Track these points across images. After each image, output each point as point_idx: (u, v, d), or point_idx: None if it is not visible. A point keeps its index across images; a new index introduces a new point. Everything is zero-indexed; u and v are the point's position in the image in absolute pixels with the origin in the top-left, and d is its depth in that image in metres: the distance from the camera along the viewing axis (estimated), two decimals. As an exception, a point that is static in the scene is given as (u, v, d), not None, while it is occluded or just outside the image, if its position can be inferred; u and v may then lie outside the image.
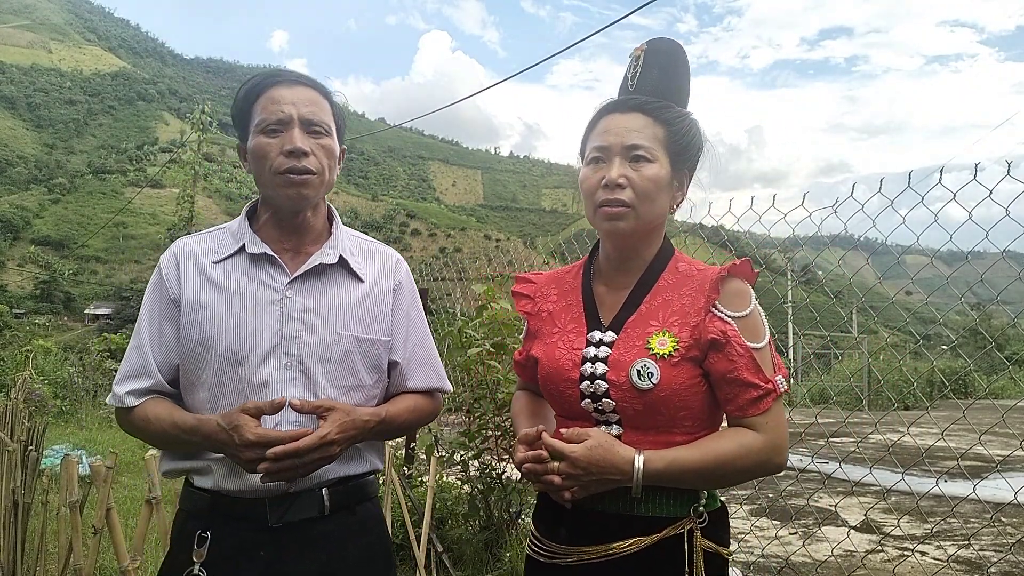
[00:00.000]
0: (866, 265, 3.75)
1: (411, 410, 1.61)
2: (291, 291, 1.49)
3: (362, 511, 1.54)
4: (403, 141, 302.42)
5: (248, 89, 1.50)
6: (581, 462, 1.28)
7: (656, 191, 1.37)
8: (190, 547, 1.41)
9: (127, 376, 1.49)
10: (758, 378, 1.30)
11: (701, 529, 1.33)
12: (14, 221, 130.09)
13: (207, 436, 1.38)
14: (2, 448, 3.43)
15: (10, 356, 13.60)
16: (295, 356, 1.46)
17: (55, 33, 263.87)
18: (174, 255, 1.54)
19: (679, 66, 1.46)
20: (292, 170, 1.44)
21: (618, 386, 1.33)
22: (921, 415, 5.91)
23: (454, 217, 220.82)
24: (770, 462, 1.32)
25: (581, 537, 1.36)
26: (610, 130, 1.39)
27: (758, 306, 1.38)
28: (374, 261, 1.63)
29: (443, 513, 4.13)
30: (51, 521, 3.16)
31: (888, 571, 3.99)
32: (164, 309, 1.50)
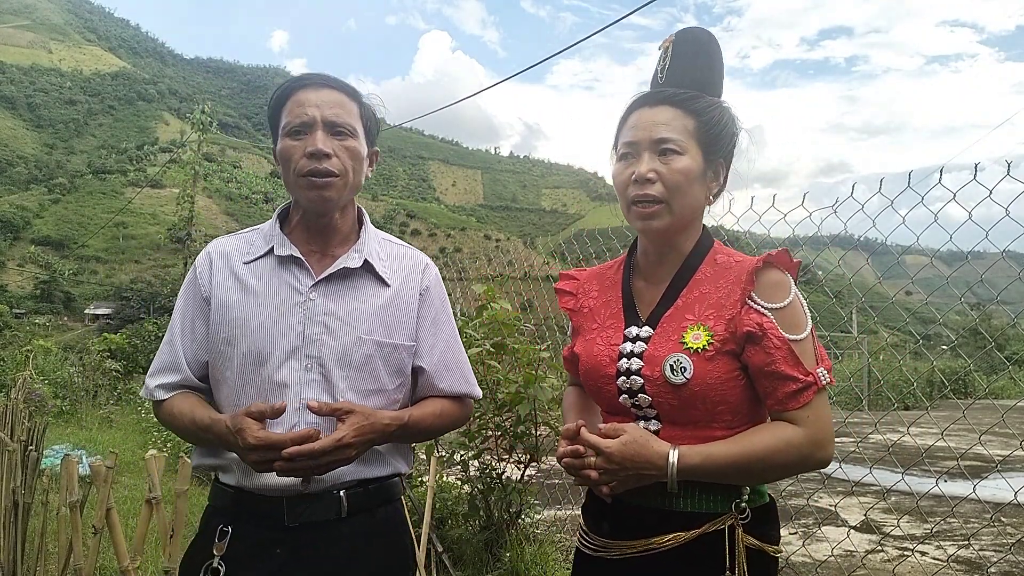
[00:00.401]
0: (866, 265, 3.75)
1: (437, 415, 1.60)
2: (315, 293, 1.50)
3: (382, 514, 1.54)
4: (403, 141, 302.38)
5: (278, 94, 1.53)
6: (616, 457, 1.28)
7: (687, 183, 1.35)
8: (212, 540, 1.44)
9: (158, 370, 1.55)
10: (797, 371, 1.27)
11: (744, 525, 1.31)
12: (14, 221, 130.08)
13: (218, 436, 1.41)
14: (2, 448, 3.43)
15: (10, 356, 13.61)
16: (315, 358, 1.47)
17: (55, 33, 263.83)
18: (209, 255, 1.58)
19: (710, 55, 1.43)
20: (314, 172, 1.45)
21: (653, 381, 1.32)
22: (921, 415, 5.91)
23: (454, 217, 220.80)
24: (811, 457, 1.28)
25: (622, 531, 1.37)
26: (638, 125, 1.38)
27: (799, 296, 1.34)
28: (401, 265, 1.63)
29: (443, 513, 4.13)
30: (51, 521, 3.16)
31: (888, 571, 3.99)
32: (196, 307, 1.55)
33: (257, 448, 1.33)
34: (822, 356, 1.33)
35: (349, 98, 1.53)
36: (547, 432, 3.88)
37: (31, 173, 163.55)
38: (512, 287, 6.02)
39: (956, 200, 2.65)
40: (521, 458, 3.95)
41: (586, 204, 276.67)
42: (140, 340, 16.62)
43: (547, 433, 3.89)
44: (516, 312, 4.03)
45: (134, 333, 17.71)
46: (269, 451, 1.33)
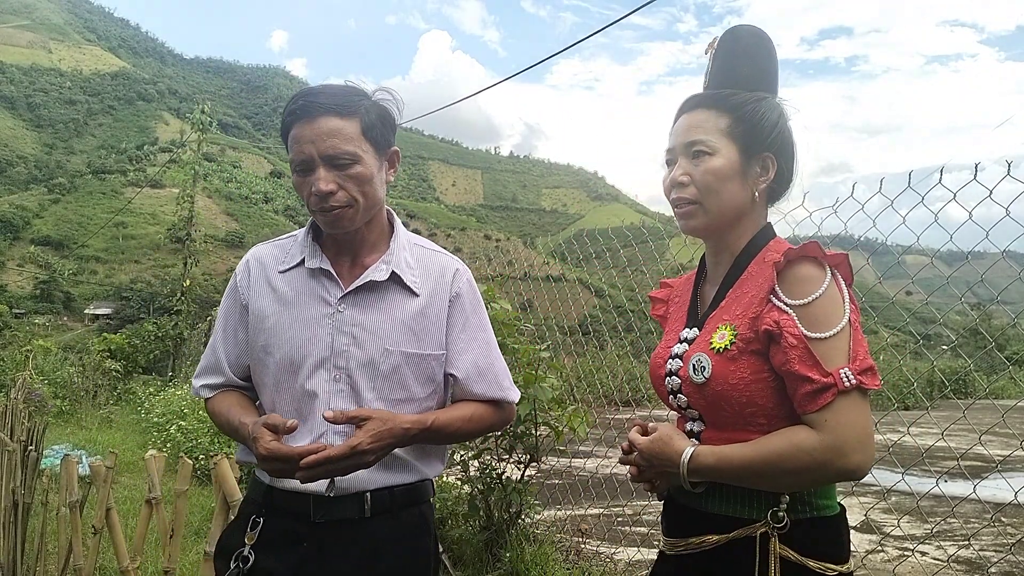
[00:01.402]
0: (866, 265, 3.75)
1: (467, 419, 1.60)
2: (344, 305, 1.53)
3: (406, 516, 1.55)
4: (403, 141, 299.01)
5: (283, 123, 1.54)
6: (645, 454, 1.34)
7: (718, 183, 1.34)
8: (245, 529, 1.52)
9: (202, 371, 1.65)
10: (814, 371, 1.19)
11: (783, 535, 1.24)
12: (14, 221, 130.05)
13: (244, 439, 1.50)
14: (2, 448, 3.43)
15: (10, 356, 13.61)
16: (343, 369, 1.51)
17: (55, 33, 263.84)
18: (247, 263, 1.64)
19: (752, 50, 1.41)
20: (322, 210, 1.49)
21: (684, 381, 1.35)
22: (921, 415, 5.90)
23: (454, 217, 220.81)
24: (831, 465, 1.18)
25: (674, 529, 1.40)
26: (675, 131, 1.42)
27: (837, 290, 1.26)
28: (431, 273, 1.62)
29: (443, 513, 4.13)
30: (51, 521, 3.16)
31: (888, 571, 3.99)
32: (237, 314, 1.62)
33: (266, 459, 1.38)
34: (857, 356, 1.21)
35: (345, 118, 1.48)
36: (547, 432, 3.88)
37: (31, 173, 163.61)
38: (512, 287, 6.02)
39: (956, 200, 2.65)
40: (521, 458, 3.95)
41: (586, 204, 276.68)
42: (140, 340, 16.60)
43: (547, 433, 3.89)
44: (516, 312, 4.03)
45: (134, 333, 17.69)
46: (278, 462, 1.37)
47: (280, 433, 1.40)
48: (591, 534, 4.71)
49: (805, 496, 1.28)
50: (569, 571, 3.81)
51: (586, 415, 4.03)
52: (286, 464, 1.37)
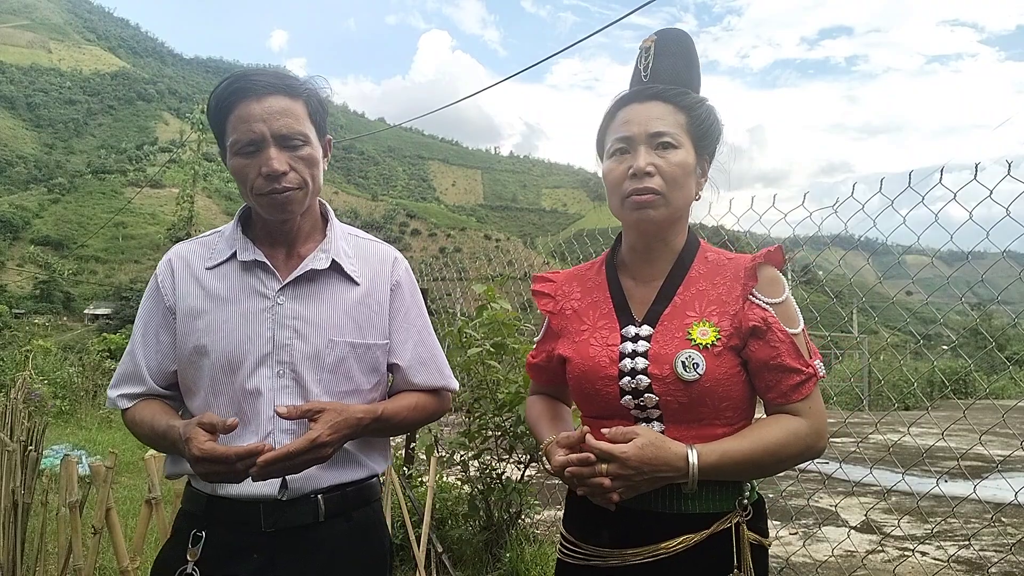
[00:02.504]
0: (866, 265, 3.75)
1: (412, 408, 1.58)
2: (283, 297, 1.46)
3: (359, 517, 1.52)
4: (403, 141, 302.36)
5: (217, 103, 1.43)
6: (633, 461, 1.23)
7: (684, 177, 1.36)
8: (185, 545, 1.42)
9: (120, 380, 1.53)
10: (800, 363, 1.30)
11: (746, 522, 1.32)
12: (14, 221, 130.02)
13: (173, 443, 1.38)
14: (2, 448, 3.43)
15: (10, 356, 13.60)
16: (287, 364, 1.44)
17: (55, 33, 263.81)
18: (169, 262, 1.53)
19: (690, 54, 1.45)
20: (273, 192, 1.41)
21: (661, 380, 1.31)
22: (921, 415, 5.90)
23: (454, 217, 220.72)
24: (814, 447, 1.31)
25: (627, 539, 1.34)
26: (632, 120, 1.37)
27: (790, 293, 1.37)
28: (370, 261, 1.59)
29: (443, 513, 4.13)
30: (51, 521, 3.16)
31: (888, 571, 3.99)
32: (160, 317, 1.51)
33: (201, 460, 1.29)
34: (813, 350, 1.35)
35: (295, 99, 1.44)
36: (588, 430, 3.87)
37: (31, 173, 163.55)
38: (512, 287, 6.02)
39: (956, 200, 2.65)
40: (521, 458, 3.95)
41: (586, 204, 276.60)
42: (140, 340, 16.55)
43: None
44: (516, 312, 4.03)
45: (134, 333, 17.65)
46: (213, 463, 1.29)
47: (217, 433, 1.31)
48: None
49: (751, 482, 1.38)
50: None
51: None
52: (222, 466, 1.28)
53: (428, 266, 7.34)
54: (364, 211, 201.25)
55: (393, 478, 3.38)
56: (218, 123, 1.45)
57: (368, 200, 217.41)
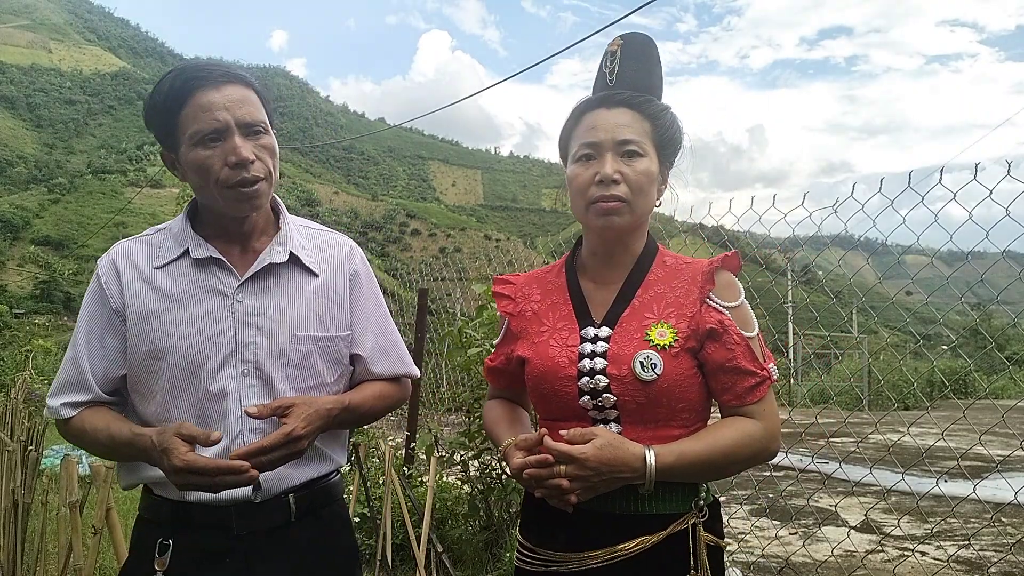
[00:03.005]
0: (866, 265, 3.75)
1: (377, 396, 1.56)
2: (242, 295, 1.42)
3: (328, 515, 1.51)
4: (403, 141, 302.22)
5: (168, 94, 1.37)
6: (591, 462, 1.23)
7: (649, 185, 1.38)
8: (151, 556, 1.37)
9: (62, 388, 1.44)
10: (755, 365, 1.33)
11: (702, 523, 1.34)
12: (14, 221, 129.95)
13: (142, 451, 1.34)
14: (2, 448, 3.44)
15: (10, 356, 13.62)
16: (251, 362, 1.41)
17: (55, 33, 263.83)
18: (113, 262, 1.45)
19: (653, 60, 1.46)
20: (242, 183, 1.36)
21: (620, 380, 1.32)
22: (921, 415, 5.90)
23: (454, 217, 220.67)
24: (767, 449, 1.34)
25: (583, 541, 1.34)
26: (599, 126, 1.38)
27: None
28: (326, 252, 1.56)
29: (443, 513, 4.13)
30: (51, 521, 3.16)
31: (888, 571, 3.99)
32: (104, 321, 1.43)
33: (182, 471, 1.25)
34: (767, 354, 1.39)
35: (249, 88, 1.41)
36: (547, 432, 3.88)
37: (31, 173, 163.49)
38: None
39: (956, 200, 2.66)
40: (521, 458, 3.94)
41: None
42: (140, 340, 16.58)
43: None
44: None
45: (134, 333, 17.67)
46: (194, 475, 1.26)
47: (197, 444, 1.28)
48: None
49: (707, 484, 1.40)
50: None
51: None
52: (204, 478, 1.25)
53: (428, 266, 7.34)
54: (364, 211, 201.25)
55: (393, 478, 3.38)
56: (169, 117, 1.38)
57: (368, 200, 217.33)
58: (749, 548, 4.46)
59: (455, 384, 6.45)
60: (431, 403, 7.13)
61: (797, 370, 17.36)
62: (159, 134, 1.42)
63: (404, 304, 8.33)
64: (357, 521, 3.77)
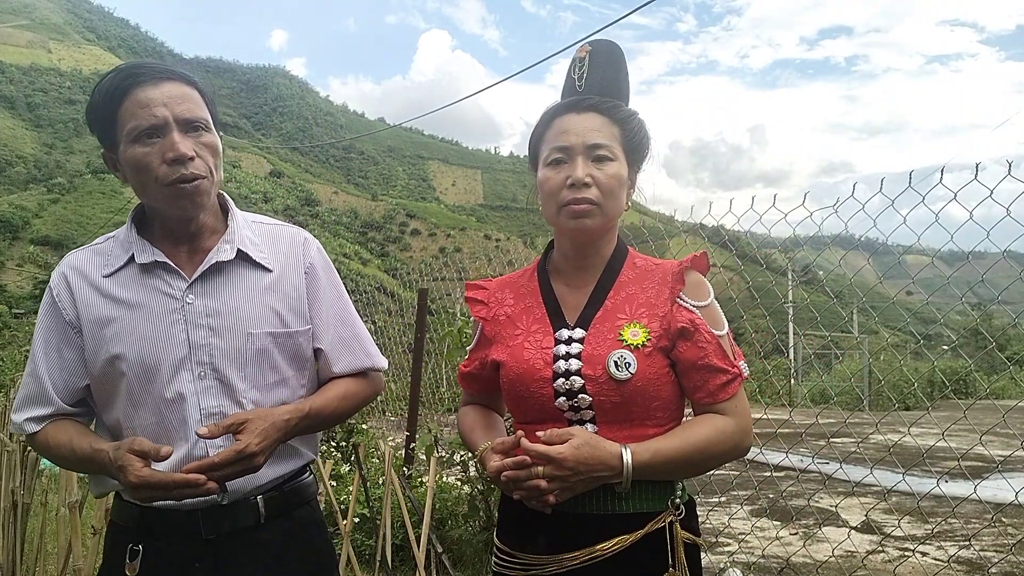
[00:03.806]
0: (867, 265, 3.75)
1: (342, 397, 1.53)
2: (192, 296, 1.40)
3: (300, 516, 1.49)
4: (403, 141, 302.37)
5: (107, 91, 1.35)
6: (569, 462, 1.25)
7: (619, 188, 1.40)
8: (122, 562, 1.37)
9: (25, 404, 1.43)
10: (725, 363, 1.35)
11: (679, 521, 1.36)
12: (13, 221, 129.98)
13: (102, 466, 1.34)
14: (2, 448, 3.43)
15: (9, 356, 13.62)
16: (207, 364, 1.39)
17: (54, 33, 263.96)
18: (63, 275, 1.44)
19: (620, 66, 1.48)
20: (181, 179, 1.34)
21: (594, 380, 1.33)
22: (922, 415, 5.90)
23: (454, 217, 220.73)
24: (740, 445, 1.36)
25: (562, 543, 1.34)
26: (570, 130, 1.40)
27: None
28: (279, 246, 1.52)
29: (443, 513, 4.12)
30: (50, 521, 3.16)
31: (889, 571, 3.99)
32: (60, 333, 1.42)
33: (139, 488, 1.26)
34: (737, 352, 1.41)
35: (190, 86, 1.39)
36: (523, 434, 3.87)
37: (30, 173, 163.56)
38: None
39: (957, 200, 2.66)
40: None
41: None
42: (140, 340, 16.59)
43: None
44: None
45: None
46: (152, 490, 1.26)
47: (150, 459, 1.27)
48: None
49: (682, 482, 1.41)
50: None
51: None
52: (161, 492, 1.26)
53: (428, 266, 7.34)
54: (364, 211, 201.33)
55: (393, 478, 3.38)
56: (106, 115, 1.36)
57: (368, 200, 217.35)
58: (749, 548, 4.45)
59: (455, 384, 6.45)
60: (431, 403, 7.13)
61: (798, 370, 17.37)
62: (99, 133, 1.41)
63: (404, 304, 8.33)
64: (357, 521, 3.77)
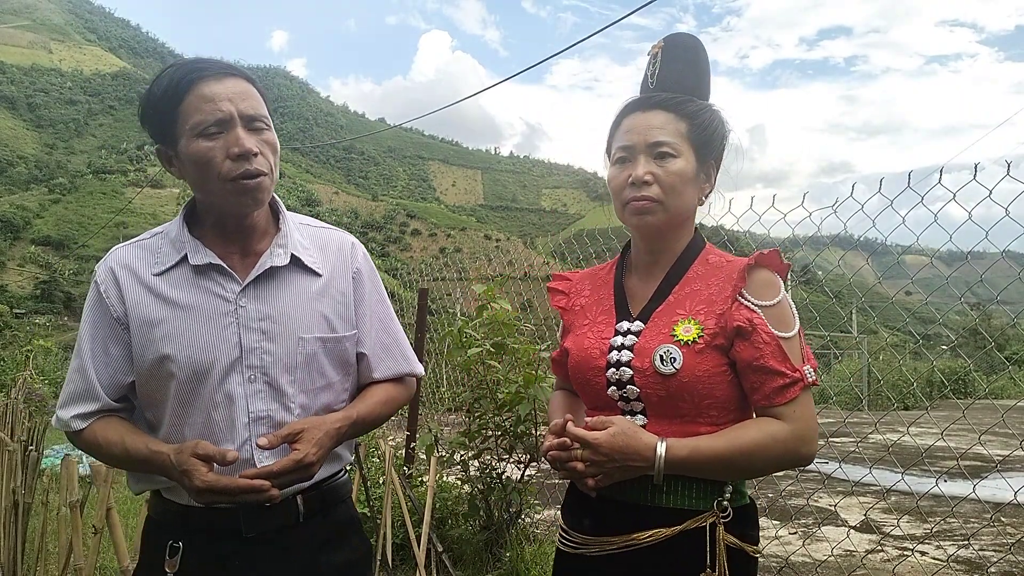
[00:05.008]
0: (866, 265, 3.75)
1: (383, 402, 1.55)
2: (244, 299, 1.40)
3: (336, 515, 1.51)
4: (403, 141, 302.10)
5: (168, 86, 1.35)
6: (604, 448, 1.29)
7: (682, 185, 1.40)
8: (162, 558, 1.38)
9: (71, 400, 1.42)
10: (785, 366, 1.30)
11: (726, 524, 1.32)
12: (14, 221, 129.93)
13: (161, 469, 1.34)
14: (2, 448, 3.44)
15: (10, 356, 13.62)
16: (258, 368, 1.40)
17: (55, 33, 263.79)
18: (111, 270, 1.43)
19: (698, 60, 1.47)
20: (245, 175, 1.34)
21: (642, 372, 1.35)
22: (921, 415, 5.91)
23: (454, 217, 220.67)
24: (796, 452, 1.31)
25: (604, 527, 1.38)
26: (633, 129, 1.42)
27: (788, 297, 1.38)
28: (328, 251, 1.54)
29: (443, 513, 4.13)
30: (51, 521, 3.17)
31: (888, 571, 3.99)
32: (107, 329, 1.42)
33: (204, 492, 1.27)
34: (808, 356, 1.36)
35: (252, 84, 1.40)
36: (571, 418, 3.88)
37: (31, 173, 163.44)
38: (512, 287, 6.02)
39: (956, 200, 2.66)
40: (521, 458, 3.95)
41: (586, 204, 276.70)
42: (140, 340, 16.60)
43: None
44: (516, 312, 4.03)
45: (134, 333, 17.68)
46: (217, 495, 1.27)
47: (214, 463, 1.28)
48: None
49: (737, 486, 1.38)
50: (569, 571, 3.81)
51: (586, 415, 4.03)
52: (225, 497, 1.28)
53: (428, 266, 7.34)
54: (364, 211, 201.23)
55: (393, 478, 3.38)
56: (168, 109, 1.35)
57: (368, 200, 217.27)
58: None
59: (455, 384, 6.46)
60: (431, 403, 7.13)
61: (797, 370, 17.29)
62: (156, 129, 1.40)
63: (404, 304, 8.33)
64: (357, 521, 3.77)
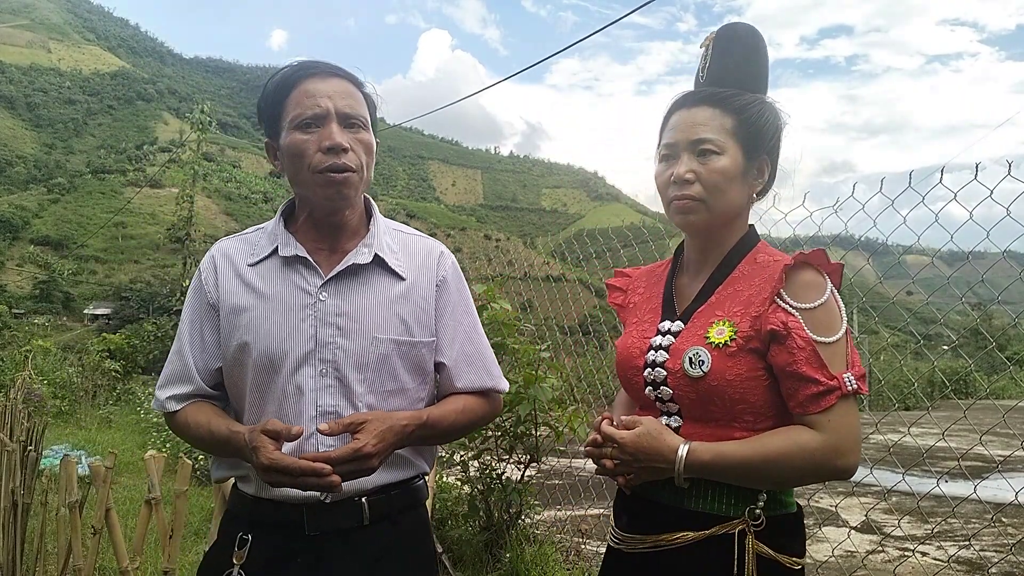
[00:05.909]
0: (867, 265, 3.75)
1: (460, 411, 1.53)
2: (325, 294, 1.44)
3: (406, 521, 1.49)
4: (403, 141, 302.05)
5: (279, 82, 1.44)
6: (629, 448, 1.30)
7: (726, 183, 1.35)
8: (231, 548, 1.41)
9: (169, 381, 1.49)
10: (820, 373, 1.23)
11: (758, 533, 1.27)
12: (13, 221, 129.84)
13: (238, 449, 1.37)
14: (1, 448, 3.43)
15: (9, 356, 13.62)
16: (330, 362, 1.41)
17: (54, 33, 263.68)
18: (212, 258, 1.52)
19: (749, 51, 1.42)
20: (332, 168, 1.38)
21: (673, 373, 1.33)
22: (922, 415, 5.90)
23: (454, 217, 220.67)
24: (829, 464, 1.23)
25: (638, 526, 1.39)
26: (677, 126, 1.39)
27: (836, 299, 1.30)
28: (415, 256, 1.55)
29: (443, 513, 4.13)
30: (50, 521, 3.16)
31: (889, 571, 3.99)
32: (204, 314, 1.49)
33: (268, 469, 1.28)
34: (854, 362, 1.27)
35: (356, 87, 1.47)
36: (547, 432, 3.88)
37: (30, 173, 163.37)
38: (512, 287, 6.02)
39: (957, 200, 2.65)
40: (521, 458, 3.95)
41: (586, 204, 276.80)
42: (139, 340, 16.63)
43: (547, 433, 3.89)
44: (516, 312, 4.02)
45: (133, 333, 17.72)
46: (279, 473, 1.28)
47: (282, 440, 1.30)
48: (591, 534, 4.71)
49: (776, 494, 1.32)
50: (569, 571, 3.81)
51: (586, 415, 4.03)
52: (288, 477, 1.28)
53: (428, 266, 7.33)
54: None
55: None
56: (275, 103, 1.44)
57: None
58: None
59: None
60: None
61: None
62: (266, 122, 1.47)
63: (404, 304, 8.31)
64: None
